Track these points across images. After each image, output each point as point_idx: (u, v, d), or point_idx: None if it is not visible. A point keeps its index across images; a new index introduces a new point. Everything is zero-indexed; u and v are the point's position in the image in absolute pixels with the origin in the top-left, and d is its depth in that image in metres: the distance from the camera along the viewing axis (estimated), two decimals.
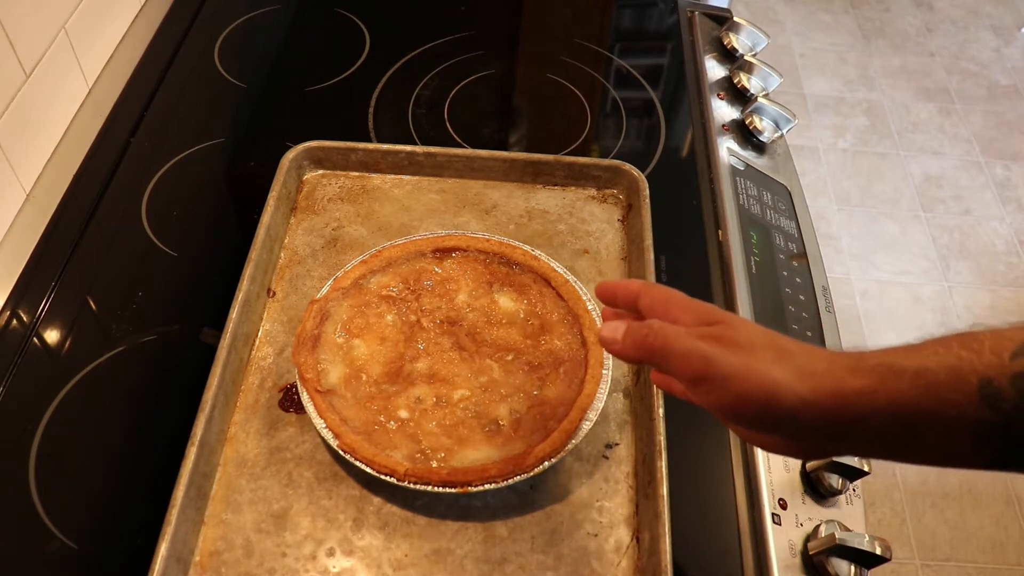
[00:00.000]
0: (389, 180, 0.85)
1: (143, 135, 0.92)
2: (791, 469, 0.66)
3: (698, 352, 0.43)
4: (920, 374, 0.39)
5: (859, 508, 0.65)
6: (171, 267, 0.80)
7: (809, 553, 0.61)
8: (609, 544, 0.61)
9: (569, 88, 1.01)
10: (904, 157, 2.39)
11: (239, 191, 0.89)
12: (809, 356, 0.42)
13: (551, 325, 0.70)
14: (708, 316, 0.46)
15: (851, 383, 0.40)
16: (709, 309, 0.47)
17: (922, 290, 2.07)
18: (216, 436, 0.63)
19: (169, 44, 1.03)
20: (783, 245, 0.83)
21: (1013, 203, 2.29)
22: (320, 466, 0.64)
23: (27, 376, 0.70)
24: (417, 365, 0.67)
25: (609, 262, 0.79)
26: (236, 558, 0.59)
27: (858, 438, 0.41)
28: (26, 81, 0.80)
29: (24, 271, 0.77)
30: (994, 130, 2.47)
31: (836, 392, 0.40)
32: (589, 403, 0.64)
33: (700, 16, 1.09)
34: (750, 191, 0.86)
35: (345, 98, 0.98)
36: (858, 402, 0.39)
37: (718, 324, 0.45)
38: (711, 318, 0.45)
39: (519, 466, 0.60)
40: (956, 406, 0.38)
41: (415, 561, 0.59)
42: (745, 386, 0.41)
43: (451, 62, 1.03)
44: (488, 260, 0.74)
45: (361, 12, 1.10)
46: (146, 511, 0.59)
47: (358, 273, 0.72)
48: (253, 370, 0.69)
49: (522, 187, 0.85)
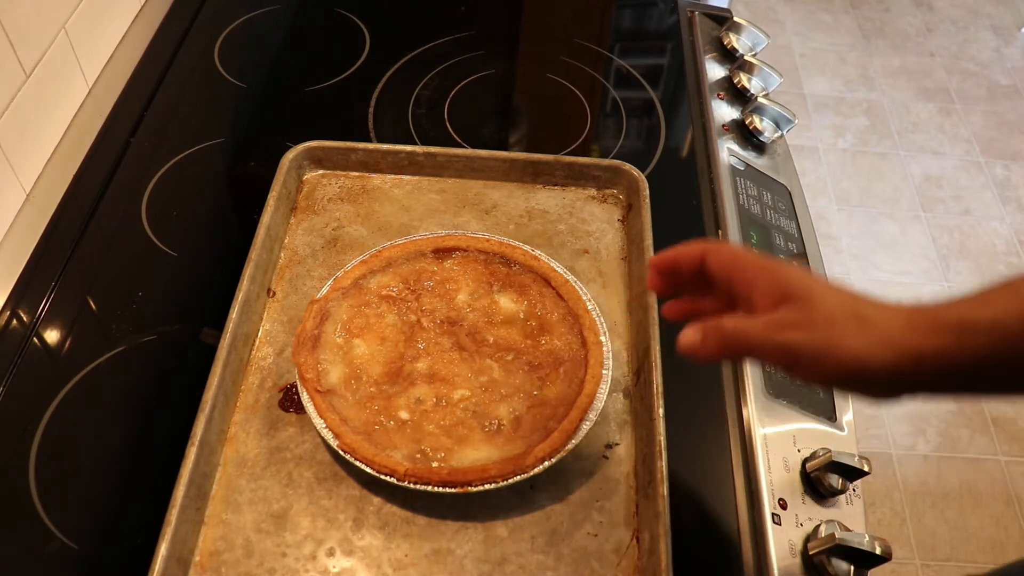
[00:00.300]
0: (389, 180, 0.85)
1: (143, 135, 0.92)
2: (791, 469, 0.66)
3: (780, 345, 0.43)
4: (993, 327, 0.40)
5: (859, 508, 0.65)
6: (171, 267, 0.79)
7: (809, 553, 0.61)
8: (609, 544, 0.61)
9: (569, 88, 1.01)
10: (904, 157, 2.39)
11: (239, 191, 0.89)
12: (888, 320, 0.43)
13: (551, 325, 0.70)
14: (783, 290, 0.45)
15: (930, 345, 0.41)
16: (781, 276, 0.45)
17: (922, 290, 2.07)
18: (216, 436, 0.63)
19: (169, 44, 1.03)
20: (783, 245, 0.83)
21: (1013, 203, 2.29)
22: (320, 466, 0.64)
23: (27, 376, 0.70)
24: (417, 365, 0.67)
25: (609, 262, 0.79)
26: (236, 558, 0.59)
27: (947, 385, 0.44)
28: (26, 81, 0.80)
29: (24, 271, 0.77)
30: (994, 130, 2.47)
31: (917, 356, 0.41)
32: (589, 403, 0.64)
33: (700, 16, 1.09)
34: (750, 191, 0.86)
35: (345, 98, 0.98)
36: (940, 362, 0.41)
37: (793, 303, 0.44)
38: (786, 293, 0.44)
39: (519, 466, 0.60)
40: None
41: (415, 561, 0.59)
42: (832, 364, 0.43)
43: (451, 62, 1.03)
44: (488, 260, 0.74)
45: (361, 12, 1.10)
46: (146, 511, 0.59)
47: (358, 273, 0.72)
48: (253, 370, 0.69)
49: (522, 187, 0.85)
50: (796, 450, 0.67)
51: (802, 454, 0.66)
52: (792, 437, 0.67)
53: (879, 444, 1.79)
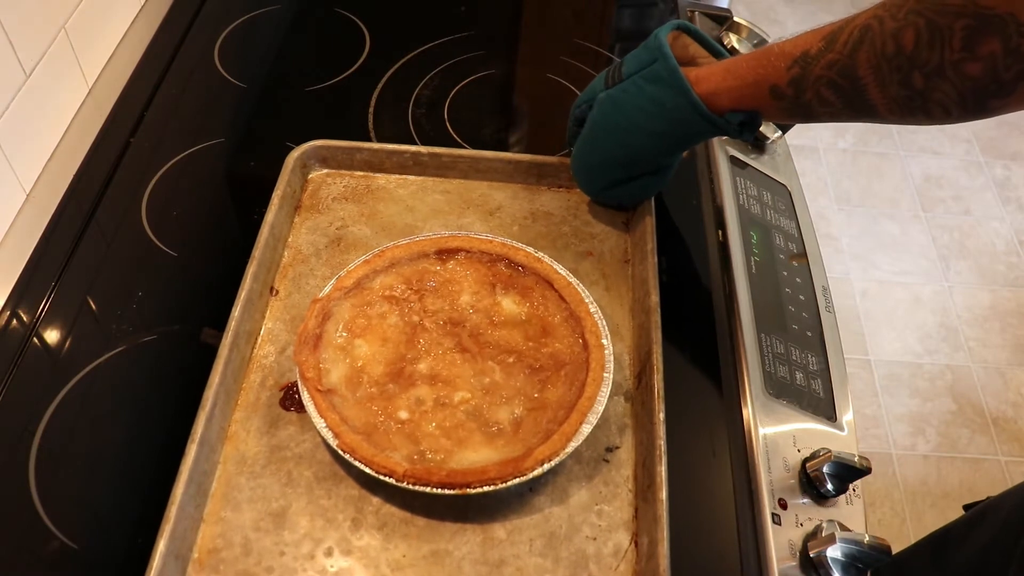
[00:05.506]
0: (393, 180, 0.85)
1: (143, 135, 0.92)
2: (791, 469, 0.66)
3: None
4: (735, 90, 0.66)
5: (859, 508, 0.65)
6: (171, 267, 0.80)
7: (809, 553, 0.61)
8: (608, 548, 0.61)
9: (569, 88, 1.01)
10: (904, 157, 2.39)
11: (239, 191, 0.89)
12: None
13: (553, 327, 0.70)
14: None
15: (705, 89, 0.67)
16: None
17: (922, 290, 2.08)
18: (217, 434, 0.63)
19: (169, 44, 1.03)
20: (783, 245, 0.83)
21: (1013, 203, 2.29)
22: (320, 465, 0.64)
23: (27, 376, 0.70)
24: (418, 366, 0.67)
25: (612, 265, 0.79)
26: (234, 556, 0.59)
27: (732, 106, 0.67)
28: (26, 81, 0.80)
29: (24, 271, 0.77)
30: (994, 130, 2.47)
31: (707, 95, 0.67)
32: (590, 406, 0.64)
33: (700, 16, 1.09)
34: (750, 191, 0.86)
35: (345, 98, 0.98)
36: (712, 101, 0.67)
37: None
38: None
39: (518, 468, 0.60)
40: (760, 100, 0.65)
41: (413, 562, 0.59)
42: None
43: (451, 62, 1.03)
44: (491, 262, 0.74)
45: (361, 12, 1.10)
46: (147, 511, 0.59)
47: (361, 273, 0.72)
48: (255, 368, 0.69)
49: (527, 188, 0.85)
50: (796, 450, 0.67)
51: (802, 454, 0.66)
52: (792, 437, 0.67)
53: (879, 444, 1.80)
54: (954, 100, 0.56)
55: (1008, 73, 0.53)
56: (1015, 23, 0.51)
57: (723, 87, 0.66)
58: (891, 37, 0.56)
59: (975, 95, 0.55)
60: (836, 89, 0.60)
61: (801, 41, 0.62)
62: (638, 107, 0.70)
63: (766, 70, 0.63)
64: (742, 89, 0.65)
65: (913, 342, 1.97)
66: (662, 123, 0.70)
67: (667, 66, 0.68)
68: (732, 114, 0.67)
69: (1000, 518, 0.91)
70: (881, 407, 1.85)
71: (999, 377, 1.92)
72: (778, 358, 0.72)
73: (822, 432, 0.69)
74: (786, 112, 0.66)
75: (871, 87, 0.58)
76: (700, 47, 0.73)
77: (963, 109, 0.56)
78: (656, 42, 0.69)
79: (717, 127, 0.68)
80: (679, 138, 0.71)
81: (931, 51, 0.54)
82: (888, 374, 1.91)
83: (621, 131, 0.72)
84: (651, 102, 0.69)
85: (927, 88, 0.56)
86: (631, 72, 0.71)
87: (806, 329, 0.76)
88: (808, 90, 0.61)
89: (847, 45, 0.58)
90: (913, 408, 1.86)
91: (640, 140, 0.72)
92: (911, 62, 0.55)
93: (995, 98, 0.55)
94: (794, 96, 0.63)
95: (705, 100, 0.67)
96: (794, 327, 0.76)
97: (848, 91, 0.60)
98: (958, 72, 0.54)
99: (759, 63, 0.64)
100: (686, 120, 0.68)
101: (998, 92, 0.54)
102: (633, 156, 0.74)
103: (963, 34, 0.53)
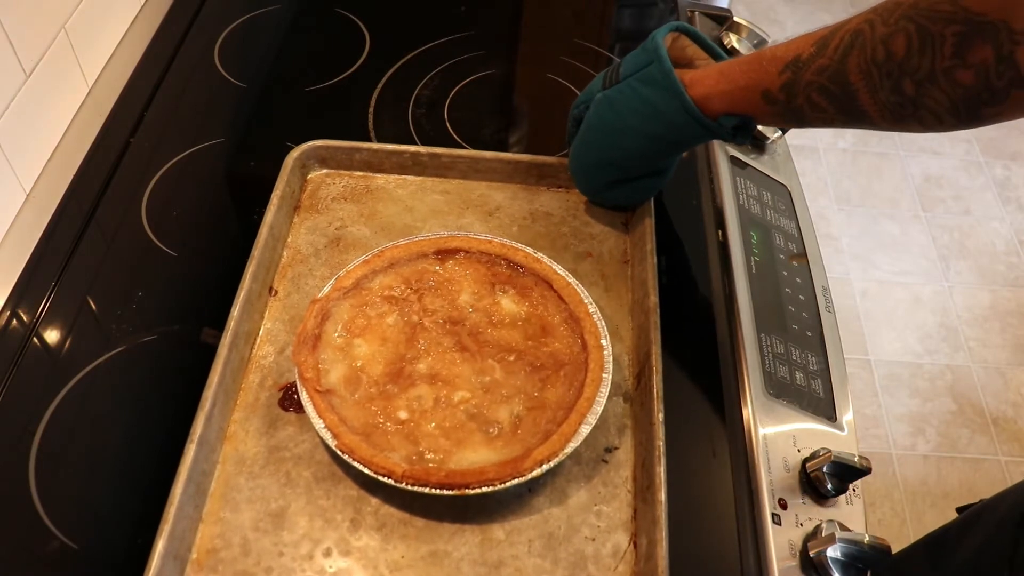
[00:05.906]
0: (393, 180, 0.85)
1: (143, 135, 0.92)
2: (791, 469, 0.66)
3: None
4: (728, 94, 0.65)
5: (859, 508, 0.65)
6: (171, 267, 0.80)
7: (809, 553, 0.61)
8: (606, 549, 0.61)
9: (569, 88, 1.01)
10: (904, 157, 2.39)
11: (239, 191, 0.89)
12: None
13: (553, 328, 0.70)
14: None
15: (699, 92, 0.67)
16: None
17: (922, 290, 2.08)
18: (216, 434, 0.63)
19: (169, 44, 1.03)
20: (783, 245, 0.83)
21: (1013, 203, 2.29)
22: (319, 466, 0.64)
23: (27, 376, 0.70)
24: (418, 366, 0.67)
25: (612, 265, 0.79)
26: (233, 556, 0.59)
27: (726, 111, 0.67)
28: (26, 81, 0.80)
29: (24, 271, 0.77)
30: (994, 130, 2.47)
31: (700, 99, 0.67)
32: (589, 407, 0.64)
33: (700, 16, 1.09)
34: (750, 191, 0.86)
35: (345, 98, 0.98)
36: (706, 104, 0.67)
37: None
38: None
39: (517, 469, 0.60)
40: (752, 104, 0.65)
41: (412, 563, 0.59)
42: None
43: (451, 62, 1.03)
44: (490, 262, 0.74)
45: (361, 12, 1.09)
46: (146, 511, 0.59)
47: (360, 273, 0.72)
48: (254, 368, 0.69)
49: (526, 189, 0.85)
50: (796, 450, 0.67)
51: (802, 454, 0.66)
52: (792, 437, 0.67)
53: (879, 444, 1.80)
54: (946, 108, 0.55)
55: (1000, 81, 0.52)
56: (1007, 30, 0.50)
57: (716, 91, 0.66)
58: (882, 43, 0.55)
59: (967, 103, 0.54)
60: (827, 95, 0.60)
61: (794, 45, 0.61)
62: (632, 109, 0.70)
63: (759, 74, 0.63)
64: (735, 93, 0.65)
65: (913, 342, 1.97)
66: (656, 125, 0.70)
67: (662, 69, 0.67)
68: (726, 118, 0.67)
69: (996, 519, 0.92)
70: (881, 407, 1.85)
71: (999, 377, 1.92)
72: (778, 358, 0.72)
73: (822, 432, 0.69)
74: (779, 117, 0.65)
75: (862, 93, 0.58)
76: (699, 49, 0.73)
77: (956, 117, 0.55)
78: (652, 44, 0.69)
79: (710, 131, 0.68)
80: (673, 141, 0.71)
81: (922, 57, 0.54)
82: (888, 374, 1.91)
83: (616, 132, 0.72)
84: (645, 104, 0.69)
85: (918, 95, 0.55)
86: (628, 74, 0.71)
87: (806, 329, 0.76)
88: (799, 95, 0.61)
89: (838, 50, 0.58)
90: (913, 408, 1.86)
91: (634, 142, 0.72)
92: (901, 68, 0.55)
93: (988, 106, 0.54)
94: (786, 101, 0.62)
95: (699, 103, 0.66)
96: (794, 327, 0.76)
97: (839, 97, 0.59)
98: (949, 79, 0.53)
99: (752, 67, 0.64)
100: (679, 123, 0.68)
101: (991, 100, 0.53)
102: (628, 157, 0.74)
103: (954, 41, 0.52)
